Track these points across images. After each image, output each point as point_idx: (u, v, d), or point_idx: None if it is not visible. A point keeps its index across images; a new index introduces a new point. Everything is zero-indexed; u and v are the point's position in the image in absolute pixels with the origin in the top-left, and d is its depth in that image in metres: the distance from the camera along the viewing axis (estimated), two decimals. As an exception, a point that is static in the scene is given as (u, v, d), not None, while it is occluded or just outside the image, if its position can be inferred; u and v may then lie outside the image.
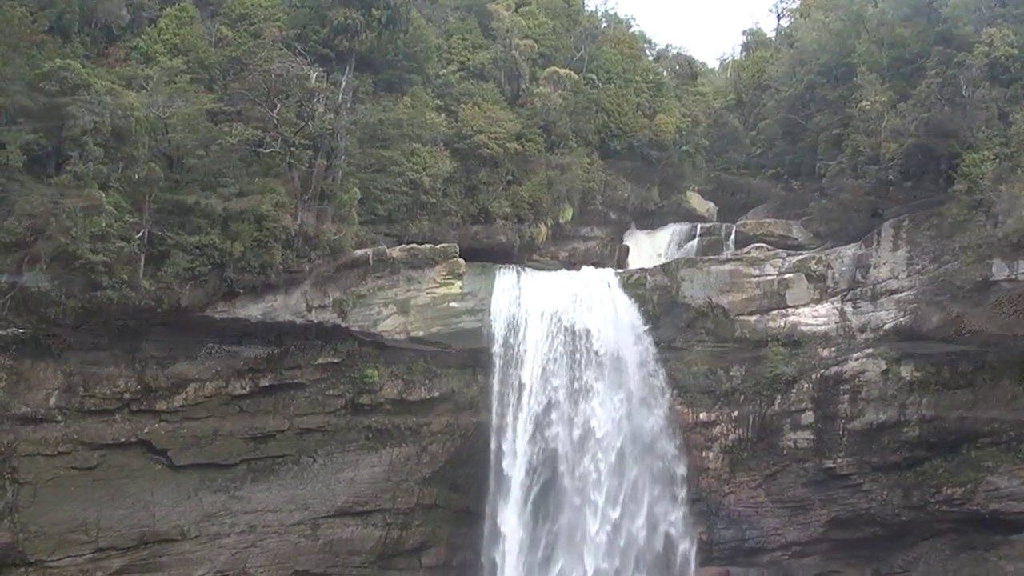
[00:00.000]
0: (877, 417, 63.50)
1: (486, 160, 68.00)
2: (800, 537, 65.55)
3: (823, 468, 64.55)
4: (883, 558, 65.22)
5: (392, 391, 63.32)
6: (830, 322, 65.34)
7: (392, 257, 62.87)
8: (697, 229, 76.97)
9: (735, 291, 66.47)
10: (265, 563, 60.53)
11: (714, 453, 66.15)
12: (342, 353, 62.05)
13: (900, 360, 63.72)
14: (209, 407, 59.38)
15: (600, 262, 73.78)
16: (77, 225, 47.12)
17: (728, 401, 66.09)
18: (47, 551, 55.10)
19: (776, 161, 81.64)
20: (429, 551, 65.20)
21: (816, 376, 64.48)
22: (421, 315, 63.45)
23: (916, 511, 64.00)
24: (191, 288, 56.14)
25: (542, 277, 67.31)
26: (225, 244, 56.50)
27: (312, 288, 60.40)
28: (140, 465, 58.18)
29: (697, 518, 65.09)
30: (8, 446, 54.10)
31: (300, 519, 61.57)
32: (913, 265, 63.71)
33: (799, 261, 67.03)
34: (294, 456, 61.84)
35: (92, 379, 56.37)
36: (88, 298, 53.53)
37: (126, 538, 57.26)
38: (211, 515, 59.64)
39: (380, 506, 63.39)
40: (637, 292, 66.93)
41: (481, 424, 64.64)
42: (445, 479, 65.28)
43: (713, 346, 66.18)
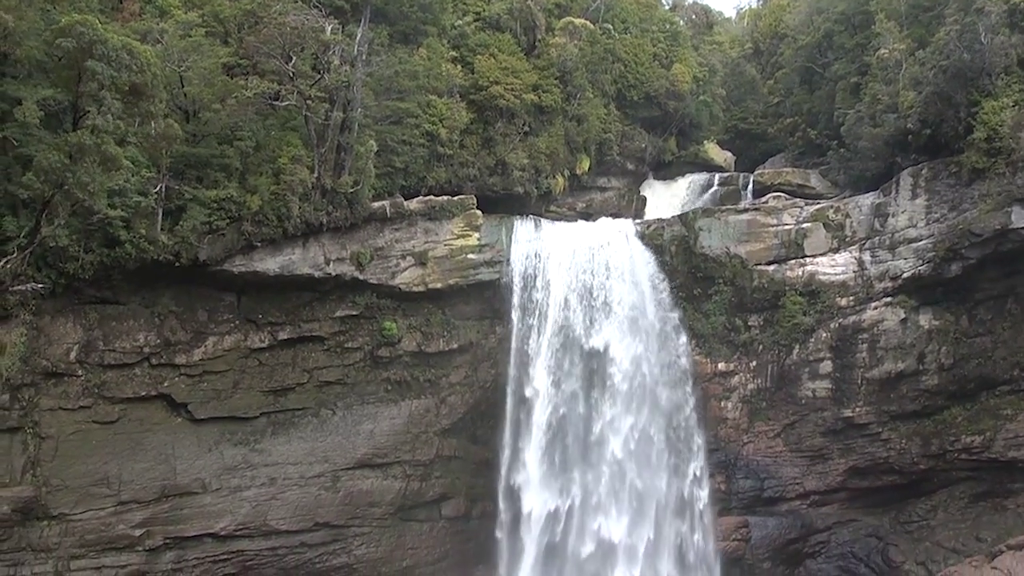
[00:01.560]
0: (895, 366, 63.54)
1: (503, 111, 67.75)
2: (818, 486, 65.73)
3: (841, 417, 64.66)
4: (901, 507, 65.44)
5: (411, 343, 63.53)
6: (848, 271, 65.17)
7: (409, 209, 62.88)
8: (715, 179, 76.77)
9: (753, 241, 66.34)
10: (286, 515, 60.88)
11: (732, 403, 66.28)
12: (360, 306, 62.18)
13: (919, 309, 63.73)
14: (228, 360, 59.57)
15: (617, 213, 73.67)
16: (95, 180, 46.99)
17: (746, 351, 66.19)
18: (69, 504, 55.50)
19: (794, 110, 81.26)
20: (448, 502, 65.56)
21: (834, 325, 64.47)
22: (439, 267, 63.54)
23: (934, 459, 64.17)
24: (209, 242, 56.16)
25: (560, 228, 67.29)
26: (242, 198, 56.51)
27: (330, 241, 60.43)
28: (161, 419, 58.45)
29: (715, 468, 65.33)
30: (30, 401, 54.41)
31: (320, 471, 61.90)
32: (932, 213, 63.46)
33: (817, 210, 66.81)
34: (314, 409, 62.15)
35: (112, 333, 56.54)
36: (107, 253, 53.61)
37: (148, 491, 57.61)
38: (232, 468, 59.97)
39: (399, 458, 63.72)
40: (655, 242, 66.93)
41: (500, 375, 64.87)
42: (464, 430, 65.61)
43: (731, 296, 66.08)
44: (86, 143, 45.06)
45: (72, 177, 45.46)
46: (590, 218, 71.39)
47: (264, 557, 60.83)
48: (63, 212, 48.10)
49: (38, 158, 45.95)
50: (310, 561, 61.96)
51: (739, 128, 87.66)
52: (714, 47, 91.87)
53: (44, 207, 47.13)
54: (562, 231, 66.99)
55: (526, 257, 65.34)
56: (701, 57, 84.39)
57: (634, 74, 76.94)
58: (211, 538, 59.39)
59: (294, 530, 61.23)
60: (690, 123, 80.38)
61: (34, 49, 49.77)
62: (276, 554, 61.01)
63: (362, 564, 63.01)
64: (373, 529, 63.44)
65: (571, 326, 64.59)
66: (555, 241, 65.92)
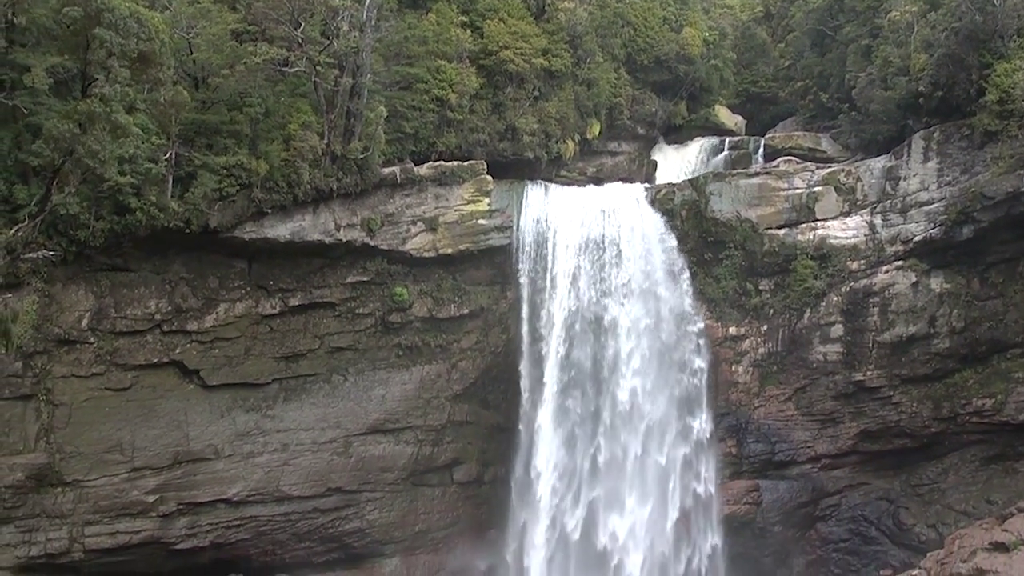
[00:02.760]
0: (907, 329, 63.50)
1: (512, 76, 67.53)
2: (830, 450, 65.79)
3: (853, 381, 64.66)
4: (912, 470, 65.51)
5: (422, 309, 63.61)
6: (859, 235, 65.00)
7: (420, 175, 62.86)
8: (725, 143, 76.48)
9: (764, 205, 66.19)
10: (298, 481, 61.16)
11: (743, 367, 66.30)
12: (371, 272, 62.23)
13: (930, 272, 63.63)
14: (240, 327, 59.71)
15: (628, 177, 73.56)
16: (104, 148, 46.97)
17: (757, 315, 66.15)
18: (83, 471, 55.80)
19: (805, 73, 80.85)
20: (460, 467, 65.79)
21: (845, 289, 64.39)
22: (449, 232, 63.55)
23: (946, 423, 64.19)
24: (219, 209, 56.23)
25: (570, 193, 67.25)
26: (252, 164, 56.50)
27: (340, 207, 60.45)
28: (173, 385, 58.66)
29: (727, 432, 65.44)
30: (42, 368, 54.63)
31: (332, 437, 62.13)
32: (943, 177, 63.24)
33: (828, 174, 66.57)
34: (325, 375, 62.30)
35: (123, 300, 56.67)
36: (117, 220, 53.73)
37: (161, 457, 57.88)
38: (244, 434, 60.22)
39: (411, 423, 63.90)
40: (665, 207, 66.83)
41: (511, 340, 64.95)
42: (476, 395, 65.75)
43: (742, 260, 65.99)
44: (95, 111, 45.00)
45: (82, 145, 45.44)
46: (600, 183, 71.28)
47: (277, 523, 61.16)
48: (73, 180, 48.13)
49: (48, 126, 45.95)
50: (323, 526, 62.30)
51: (750, 92, 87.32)
52: (724, 10, 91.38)
53: (54, 175, 47.16)
54: (573, 196, 66.93)
55: (536, 222, 65.32)
56: (711, 20, 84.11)
57: (644, 38, 76.64)
58: (224, 504, 59.68)
59: (307, 496, 61.54)
60: (700, 87, 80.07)
61: (42, 16, 49.66)
62: (289, 519, 61.31)
63: (374, 529, 63.33)
64: (385, 494, 63.69)
65: (581, 290, 64.58)
66: (565, 206, 65.86)
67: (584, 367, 64.24)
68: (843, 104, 72.19)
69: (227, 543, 60.18)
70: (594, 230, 65.17)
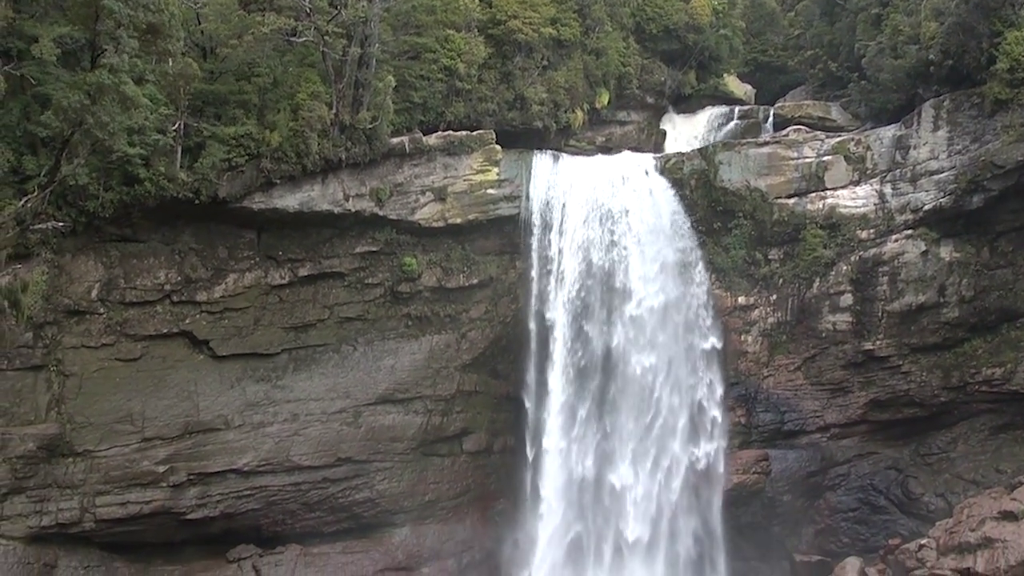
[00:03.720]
0: (916, 298, 63.40)
1: (521, 46, 67.27)
2: (839, 419, 65.80)
3: (862, 350, 64.61)
4: (921, 439, 65.57)
5: (431, 279, 63.61)
6: (869, 204, 64.80)
7: (428, 145, 62.74)
8: (734, 112, 76.32)
9: (773, 174, 65.99)
10: (309, 451, 61.26)
11: (753, 337, 66.26)
12: (380, 242, 62.24)
13: (940, 241, 63.49)
14: (249, 297, 59.81)
15: (637, 147, 73.43)
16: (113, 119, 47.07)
17: (766, 284, 66.04)
18: (94, 441, 56.01)
19: (814, 42, 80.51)
20: (470, 437, 65.88)
21: (855, 258, 64.25)
22: (458, 202, 63.47)
23: (955, 392, 64.20)
24: (228, 179, 56.25)
25: (579, 162, 67.05)
26: (261, 134, 56.51)
27: (349, 177, 60.43)
28: (183, 356, 58.81)
29: (736, 402, 65.51)
30: (52, 339, 54.81)
31: (342, 407, 62.22)
32: (954, 145, 63.02)
33: (838, 143, 66.33)
34: (334, 345, 62.38)
35: (133, 271, 56.80)
36: (126, 191, 53.75)
37: (171, 428, 58.04)
38: (254, 404, 60.35)
39: (421, 393, 63.94)
40: (674, 176, 66.60)
41: (520, 310, 65.00)
42: (485, 365, 65.79)
43: (751, 229, 65.88)
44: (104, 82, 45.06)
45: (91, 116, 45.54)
46: (610, 152, 71.13)
47: (287, 492, 61.30)
48: (82, 151, 48.26)
49: (57, 97, 46.05)
50: (333, 496, 62.42)
51: (759, 61, 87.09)
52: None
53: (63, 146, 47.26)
54: (582, 165, 66.76)
55: (546, 191, 65.12)
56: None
57: (653, 7, 76.25)
58: (234, 474, 59.82)
59: (317, 465, 61.61)
60: (710, 56, 79.75)
61: (50, -14, 49.72)
62: (299, 489, 61.46)
63: (384, 499, 63.43)
64: (395, 464, 63.79)
65: (591, 260, 64.51)
66: (574, 175, 65.69)
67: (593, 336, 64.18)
68: (853, 73, 71.96)
69: (237, 513, 60.37)
70: (603, 199, 64.99)
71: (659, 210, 65.43)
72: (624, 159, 68.67)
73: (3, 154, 49.19)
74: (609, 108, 73.33)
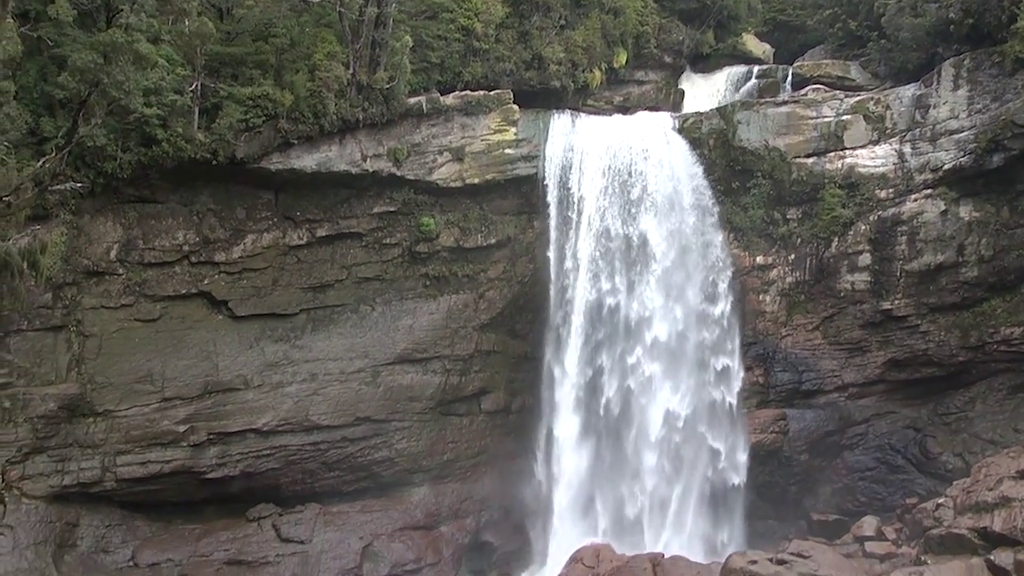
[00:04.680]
0: (935, 258, 63.29)
1: (538, 5, 66.99)
2: (857, 379, 65.84)
3: (880, 310, 64.58)
4: (939, 399, 65.53)
5: (448, 239, 63.67)
6: (888, 163, 64.65)
7: (446, 105, 62.69)
8: (753, 72, 75.83)
9: (792, 133, 65.84)
10: (328, 410, 61.54)
11: (771, 296, 66.29)
12: (398, 202, 62.29)
13: (959, 200, 63.29)
14: (267, 258, 59.95)
15: (655, 106, 73.17)
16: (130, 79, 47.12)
17: (785, 244, 66.00)
18: (114, 401, 56.33)
19: (834, 1, 79.95)
20: (488, 396, 66.09)
21: (873, 218, 64.14)
22: (476, 162, 63.46)
23: (973, 351, 64.13)
24: (245, 140, 56.29)
25: (597, 122, 66.86)
26: (278, 95, 56.48)
27: (366, 137, 60.43)
28: (202, 316, 59.03)
29: (753, 361, 65.57)
30: (72, 299, 55.07)
31: (360, 367, 62.43)
32: (974, 104, 62.74)
33: (857, 102, 66.13)
34: (353, 305, 62.56)
35: (151, 232, 56.98)
36: (144, 152, 53.87)
37: (191, 388, 58.35)
38: (273, 364, 60.59)
39: (439, 353, 64.14)
40: (692, 136, 66.46)
41: (538, 270, 65.04)
42: (503, 325, 65.92)
43: (769, 189, 65.74)
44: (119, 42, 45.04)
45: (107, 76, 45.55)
46: (627, 112, 70.93)
47: (306, 452, 61.59)
48: (99, 112, 48.29)
49: (73, 58, 46.06)
50: (352, 455, 62.71)
51: (778, 20, 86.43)
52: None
53: (80, 107, 47.27)
54: (599, 125, 66.58)
55: (563, 151, 64.98)
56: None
57: (671, -36, 76.05)
58: (254, 434, 60.11)
59: (336, 425, 61.88)
60: (728, 15, 79.20)
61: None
62: (318, 449, 61.74)
63: (403, 458, 63.72)
64: (414, 423, 64.03)
65: (608, 220, 64.44)
66: (592, 135, 65.53)
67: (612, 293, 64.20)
68: (872, 32, 71.45)
69: (257, 472, 60.68)
70: (621, 158, 64.81)
71: (677, 170, 65.21)
72: (642, 119, 68.49)
73: (21, 115, 49.22)
74: (627, 68, 73.05)
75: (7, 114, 46.74)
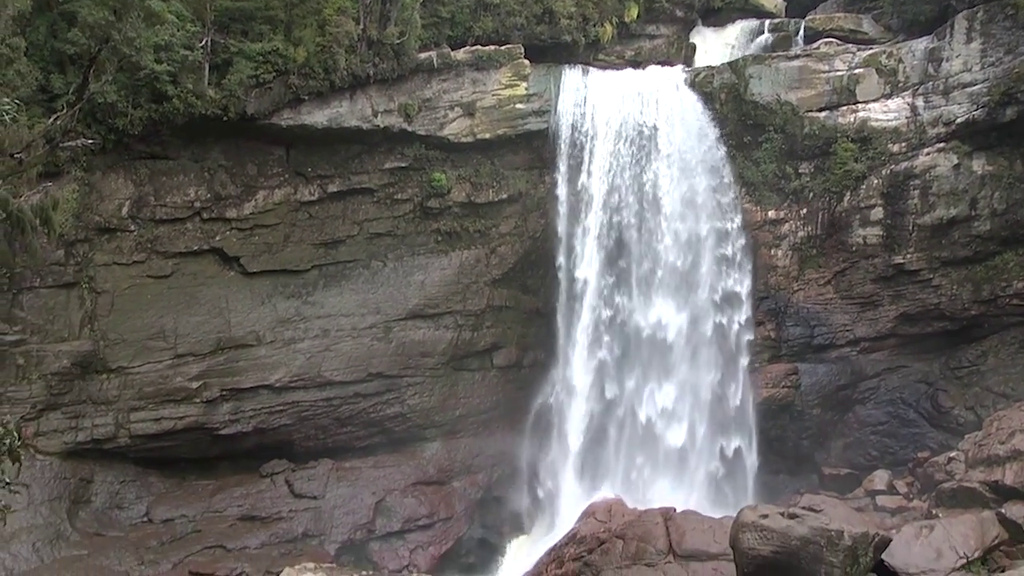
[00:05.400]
0: (948, 212, 63.07)
1: (549, -43, 66.89)
2: (869, 333, 65.74)
3: (892, 264, 64.41)
4: (951, 352, 65.35)
5: (460, 194, 63.63)
6: (901, 117, 64.33)
7: (456, 60, 62.52)
8: (765, 25, 75.25)
9: (804, 87, 65.53)
10: (340, 366, 61.77)
11: (783, 251, 66.13)
12: (409, 157, 62.25)
13: (972, 154, 62.98)
14: (279, 214, 60.00)
15: (666, 61, 72.67)
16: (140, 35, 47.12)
17: (797, 198, 65.79)
18: (127, 358, 56.61)
19: (846, -47, 79.61)
20: (500, 351, 66.23)
21: (886, 172, 63.88)
22: (487, 117, 63.33)
23: (986, 305, 63.95)
24: (256, 96, 56.26)
25: (608, 76, 66.58)
26: (288, 51, 56.42)
27: (377, 93, 60.32)
28: (214, 272, 59.18)
29: (765, 316, 65.53)
30: (84, 256, 55.23)
31: (372, 323, 62.61)
32: (987, 57, 62.36)
33: (869, 56, 65.74)
34: (364, 261, 62.64)
35: (162, 188, 57.08)
36: (155, 108, 53.98)
37: (203, 344, 58.63)
38: (285, 320, 60.78)
39: (451, 308, 64.27)
40: (704, 90, 66.19)
41: (549, 225, 64.99)
42: (515, 280, 65.95)
43: (781, 143, 65.51)
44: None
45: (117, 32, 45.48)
46: (639, 66, 70.46)
47: (319, 408, 61.88)
48: (110, 68, 48.26)
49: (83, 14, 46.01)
50: (364, 411, 62.99)
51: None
52: None
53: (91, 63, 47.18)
54: (610, 79, 66.30)
55: (574, 106, 64.81)
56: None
57: (682, -84, 75.42)
58: (267, 390, 60.44)
59: (348, 381, 62.20)
60: (740, -33, 78.91)
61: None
62: (331, 404, 62.03)
63: (415, 413, 64.00)
64: (426, 379, 64.29)
65: (620, 175, 64.32)
66: (603, 89, 65.30)
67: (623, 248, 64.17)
68: (885, -16, 71.12)
69: (270, 428, 61.04)
70: (633, 113, 64.63)
71: (688, 124, 65.00)
72: (654, 73, 68.12)
73: (31, 72, 49.24)
74: (638, 22, 72.59)
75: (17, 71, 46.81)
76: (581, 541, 51.29)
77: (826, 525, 40.18)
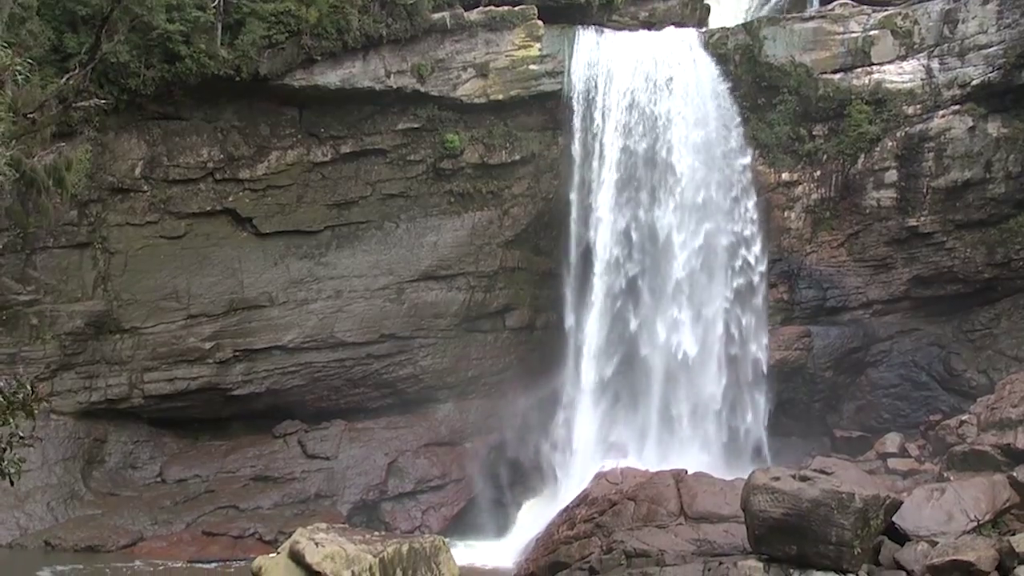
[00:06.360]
0: (962, 174, 62.83)
1: (563, -83, 66.48)
2: (881, 295, 65.64)
3: (906, 226, 64.21)
4: (964, 315, 65.20)
5: (473, 155, 63.46)
6: (916, 79, 64.02)
7: (470, 20, 62.28)
8: (780, -14, 75.19)
9: (818, 49, 65.19)
10: (352, 327, 61.91)
11: (796, 213, 65.96)
12: (422, 118, 62.09)
13: (987, 116, 62.69)
14: (292, 175, 59.99)
15: (681, 22, 72.10)
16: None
17: (811, 160, 65.54)
18: (141, 318, 56.86)
19: (862, -88, 79.03)
20: (512, 313, 66.21)
21: (900, 134, 63.62)
22: (500, 78, 63.09)
23: (999, 268, 63.80)
24: (269, 56, 56.16)
25: (622, 38, 66.24)
26: (301, 11, 56.28)
27: (390, 53, 60.14)
28: (227, 233, 59.28)
29: (778, 278, 65.41)
30: (97, 216, 55.39)
31: (385, 284, 62.64)
32: (1003, 19, 62.02)
33: (885, 17, 65.32)
34: (377, 222, 62.60)
35: (175, 149, 57.12)
36: (167, 68, 53.97)
37: (216, 305, 58.83)
38: (298, 281, 60.88)
39: (463, 269, 64.24)
40: (718, 52, 65.79)
41: (562, 186, 64.87)
42: (527, 242, 65.85)
43: (796, 105, 65.23)
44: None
45: (129, -9, 45.51)
46: (653, 27, 70.10)
47: (331, 368, 62.06)
48: (122, 28, 48.25)
49: (94, -27, 45.96)
50: (376, 372, 63.14)
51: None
52: None
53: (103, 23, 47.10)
54: (624, 40, 65.98)
55: (588, 67, 64.49)
56: None
57: None
58: (279, 350, 60.64)
59: (360, 342, 62.33)
60: (755, -73, 78.44)
61: None
62: (343, 365, 62.20)
63: (427, 375, 64.12)
64: (438, 340, 64.37)
65: (633, 136, 64.10)
66: (617, 50, 64.99)
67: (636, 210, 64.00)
68: (901, -56, 70.66)
69: (283, 389, 61.27)
70: (647, 74, 64.36)
71: (703, 86, 64.74)
72: (668, 34, 67.69)
73: (44, 32, 49.27)
74: (653, -18, 72.29)
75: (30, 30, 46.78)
76: (593, 503, 51.28)
77: (837, 487, 40.19)
